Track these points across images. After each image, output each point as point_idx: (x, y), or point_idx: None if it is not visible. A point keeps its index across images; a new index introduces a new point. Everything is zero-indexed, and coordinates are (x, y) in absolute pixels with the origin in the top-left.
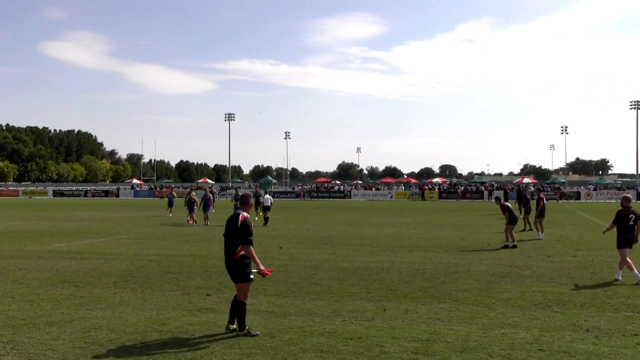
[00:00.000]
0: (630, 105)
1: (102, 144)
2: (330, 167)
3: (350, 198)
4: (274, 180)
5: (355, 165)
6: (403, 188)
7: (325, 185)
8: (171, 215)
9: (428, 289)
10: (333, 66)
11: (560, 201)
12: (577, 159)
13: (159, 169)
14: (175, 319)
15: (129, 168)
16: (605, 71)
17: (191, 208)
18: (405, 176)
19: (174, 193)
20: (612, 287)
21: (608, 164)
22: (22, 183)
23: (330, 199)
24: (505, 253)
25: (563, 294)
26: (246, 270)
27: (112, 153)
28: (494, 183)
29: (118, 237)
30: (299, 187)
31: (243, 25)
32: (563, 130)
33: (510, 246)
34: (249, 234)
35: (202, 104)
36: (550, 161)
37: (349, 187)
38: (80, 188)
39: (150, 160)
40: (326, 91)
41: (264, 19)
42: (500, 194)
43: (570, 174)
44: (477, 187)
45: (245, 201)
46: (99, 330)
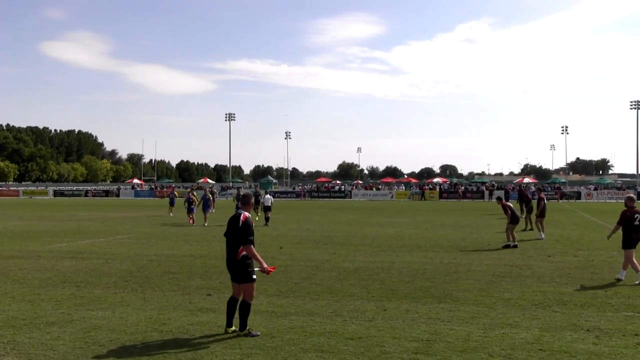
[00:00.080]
0: (631, 105)
1: (103, 144)
2: (331, 167)
3: (350, 198)
4: (274, 180)
5: (356, 165)
6: (404, 188)
7: (326, 185)
8: (171, 214)
9: (428, 289)
10: (333, 66)
11: (560, 201)
12: (578, 158)
13: (160, 169)
14: (176, 319)
15: (129, 168)
16: (605, 71)
17: (189, 208)
18: (405, 176)
19: (175, 192)
20: (613, 287)
21: (608, 163)
22: (23, 183)
23: (331, 199)
24: (505, 253)
25: (564, 294)
26: (248, 269)
27: (113, 153)
28: (494, 183)
29: (118, 237)
30: (300, 187)
31: (243, 25)
32: (563, 130)
33: (511, 246)
34: (250, 234)
35: (203, 104)
36: (551, 161)
37: (350, 187)
38: (81, 188)
39: (151, 160)
40: (326, 91)
41: (264, 19)
42: (501, 194)
43: (571, 173)
44: (478, 187)
45: (246, 201)
46: (100, 331)
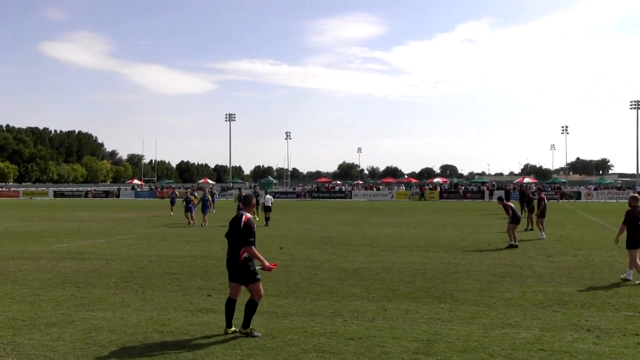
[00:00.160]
0: (631, 105)
1: (103, 145)
2: (331, 167)
3: (350, 198)
4: (274, 181)
5: (356, 165)
6: (404, 188)
7: (326, 185)
8: (172, 214)
9: (429, 289)
10: (333, 66)
11: (560, 201)
12: (578, 158)
13: (160, 170)
14: (176, 320)
15: (129, 168)
16: (605, 71)
17: (187, 207)
18: (406, 176)
19: (176, 192)
20: (613, 287)
21: (608, 163)
22: (23, 184)
23: (331, 199)
24: (505, 253)
25: (564, 293)
26: (251, 270)
27: (113, 153)
28: (494, 183)
29: (119, 238)
30: (300, 188)
31: (243, 25)
32: (563, 130)
33: (514, 245)
34: (250, 235)
35: (203, 104)
36: (551, 161)
37: (350, 188)
38: (81, 189)
39: (151, 160)
40: (326, 91)
41: (264, 19)
42: (501, 194)
43: (571, 173)
44: (479, 187)
45: (248, 202)
46: (100, 331)
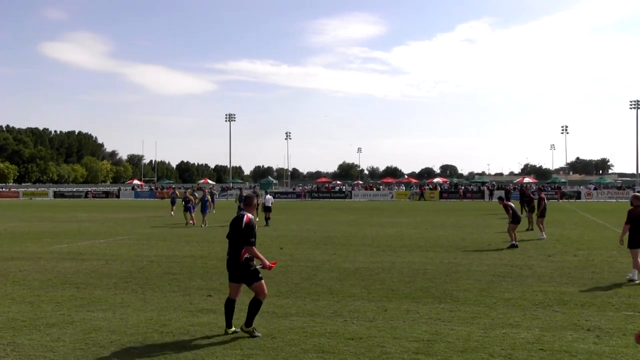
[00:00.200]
0: (630, 104)
1: (103, 145)
2: (331, 168)
3: (351, 198)
4: (274, 181)
5: (356, 165)
6: (404, 188)
7: (326, 185)
8: (173, 214)
9: (429, 289)
10: (333, 66)
11: (560, 201)
12: (578, 158)
13: (160, 170)
14: (176, 320)
15: (129, 169)
16: (605, 71)
17: (186, 206)
18: (406, 176)
19: (177, 193)
20: (613, 287)
21: (608, 163)
22: (23, 184)
23: (331, 200)
24: (505, 253)
25: (564, 293)
26: (255, 271)
27: (113, 154)
28: (494, 183)
29: (119, 238)
30: (300, 188)
31: (243, 26)
32: (563, 130)
33: (515, 245)
34: (252, 236)
35: (203, 105)
36: (551, 161)
37: (350, 188)
38: (81, 189)
39: (151, 161)
40: (326, 91)
41: (264, 19)
42: (501, 193)
43: (571, 173)
44: (479, 187)
45: (249, 202)
46: (100, 332)
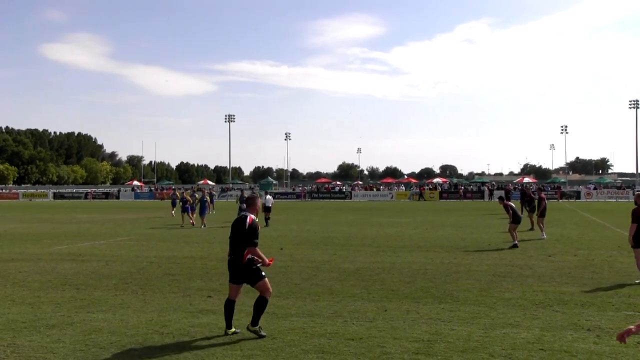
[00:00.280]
0: (630, 104)
1: (102, 146)
2: (331, 168)
3: (350, 199)
4: (274, 182)
5: (356, 165)
6: (404, 188)
7: (326, 186)
8: (174, 215)
9: (429, 289)
10: (333, 67)
11: (560, 200)
12: (577, 158)
13: (160, 171)
14: (176, 321)
15: (129, 170)
16: (605, 71)
17: (183, 207)
18: (405, 176)
19: (177, 194)
20: (613, 287)
21: (608, 163)
22: (22, 185)
23: (331, 200)
24: (506, 253)
25: (564, 293)
26: (258, 270)
27: (113, 155)
28: (494, 183)
29: (118, 239)
30: (300, 188)
31: (243, 27)
32: (563, 130)
33: (516, 245)
34: (256, 237)
35: (202, 106)
36: (551, 161)
37: (350, 188)
38: (81, 190)
39: (151, 162)
40: (326, 92)
41: (263, 20)
42: (501, 193)
43: (571, 173)
44: (479, 187)
45: (251, 203)
46: (100, 333)
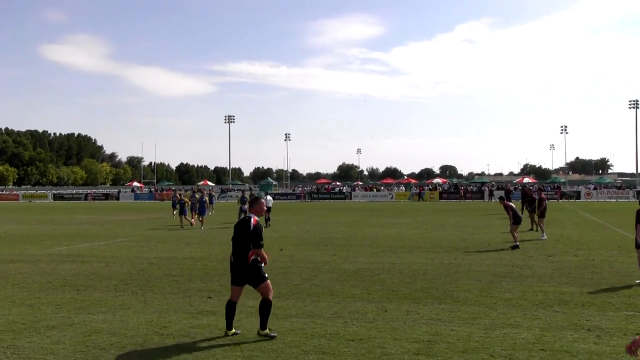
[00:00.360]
0: (630, 104)
1: (102, 147)
2: (331, 169)
3: (350, 199)
4: (274, 182)
5: (356, 166)
6: (403, 189)
7: (326, 186)
8: (175, 216)
9: (429, 290)
10: (333, 67)
11: (560, 201)
12: (577, 158)
13: (159, 172)
14: (177, 322)
15: (129, 171)
16: (605, 71)
17: (181, 209)
18: (405, 177)
19: (177, 195)
20: (613, 287)
21: (608, 163)
22: (22, 187)
23: (331, 200)
24: (506, 253)
25: (564, 293)
26: (261, 272)
27: (112, 156)
28: (494, 183)
29: (118, 240)
30: (300, 189)
31: (242, 27)
32: (563, 130)
33: (517, 246)
34: (261, 238)
35: (202, 106)
36: (550, 161)
37: (350, 189)
38: (81, 191)
39: (151, 163)
40: (326, 92)
41: (263, 20)
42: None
43: (570, 173)
44: (479, 187)
45: (255, 204)
46: (100, 334)
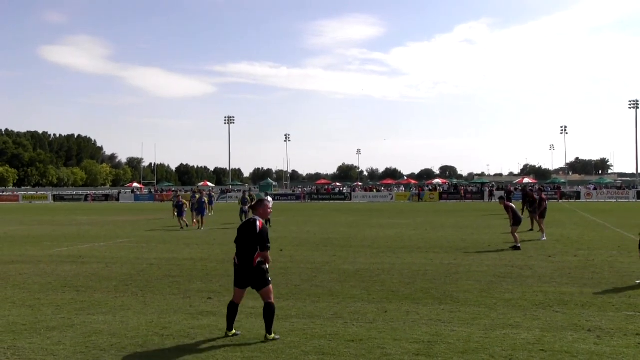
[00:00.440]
0: (629, 104)
1: (102, 148)
2: (331, 169)
3: (350, 200)
4: (274, 183)
5: (356, 167)
6: (403, 189)
7: (326, 187)
8: (174, 217)
9: (429, 290)
10: (332, 68)
11: (560, 201)
12: (577, 158)
13: (159, 173)
14: (177, 323)
15: (129, 172)
16: (605, 71)
17: (180, 211)
18: (405, 177)
19: (178, 196)
20: (614, 287)
21: (608, 163)
22: (22, 188)
23: (331, 201)
24: (506, 253)
25: (564, 294)
26: (266, 275)
27: (112, 157)
28: (494, 183)
29: (118, 241)
30: (300, 190)
31: (242, 28)
32: (563, 130)
33: (517, 247)
34: (268, 241)
35: (202, 107)
36: (550, 161)
37: (350, 189)
38: (81, 192)
39: (151, 163)
40: (325, 93)
41: (263, 20)
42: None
43: (570, 173)
44: (479, 188)
45: (259, 206)
46: (100, 335)
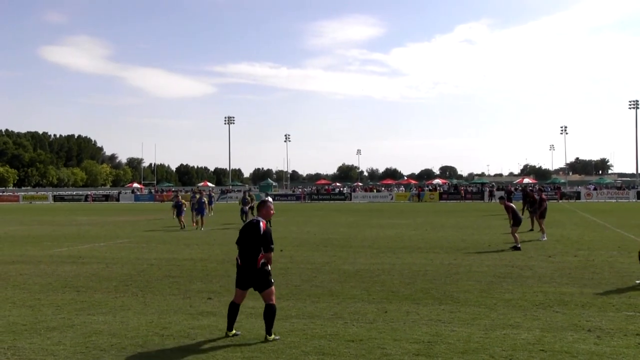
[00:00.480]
0: (629, 104)
1: (102, 149)
2: (331, 170)
3: (350, 200)
4: (274, 183)
5: (356, 167)
6: (403, 190)
7: (326, 187)
8: (174, 217)
9: (429, 291)
10: (332, 68)
11: (560, 201)
12: (577, 159)
13: (160, 173)
14: (177, 323)
15: (129, 172)
16: (605, 71)
17: (179, 212)
18: (405, 178)
19: (178, 197)
20: (614, 287)
21: (608, 163)
22: (23, 188)
23: (331, 201)
24: (506, 254)
25: (564, 294)
26: (269, 277)
27: (112, 157)
28: (494, 184)
29: (119, 242)
30: (300, 190)
31: (242, 28)
32: (563, 130)
33: (517, 247)
34: (272, 242)
35: (202, 107)
36: (550, 161)
37: (350, 189)
38: (81, 193)
39: (151, 164)
40: (325, 93)
41: (263, 20)
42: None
43: (570, 174)
44: (479, 188)
45: (262, 207)
46: (100, 335)
